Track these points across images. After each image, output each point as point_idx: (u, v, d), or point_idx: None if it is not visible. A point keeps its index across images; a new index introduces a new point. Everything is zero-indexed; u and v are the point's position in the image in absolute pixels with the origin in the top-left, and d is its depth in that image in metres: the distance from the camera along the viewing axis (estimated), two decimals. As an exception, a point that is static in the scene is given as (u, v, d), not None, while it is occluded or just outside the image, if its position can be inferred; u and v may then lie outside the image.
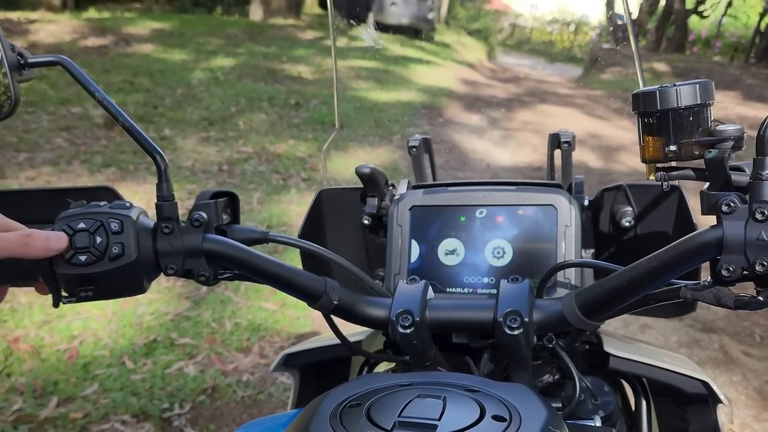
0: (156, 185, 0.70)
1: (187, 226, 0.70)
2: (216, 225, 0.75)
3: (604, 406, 0.81)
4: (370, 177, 0.95)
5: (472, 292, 0.87)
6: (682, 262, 0.59)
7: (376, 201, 0.99)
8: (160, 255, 0.69)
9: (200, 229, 0.70)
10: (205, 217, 0.70)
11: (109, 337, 2.63)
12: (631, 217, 0.93)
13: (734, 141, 0.59)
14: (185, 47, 9.20)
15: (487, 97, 9.31)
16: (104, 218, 0.66)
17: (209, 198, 0.75)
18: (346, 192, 1.03)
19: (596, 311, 0.67)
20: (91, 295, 0.66)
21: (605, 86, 10.99)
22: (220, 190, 0.78)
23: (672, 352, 1.00)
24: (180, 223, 0.70)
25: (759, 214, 0.54)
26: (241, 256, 0.70)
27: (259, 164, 4.97)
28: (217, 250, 0.70)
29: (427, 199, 0.91)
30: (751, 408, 2.45)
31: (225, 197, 0.78)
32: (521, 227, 0.87)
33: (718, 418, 0.88)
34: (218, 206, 0.75)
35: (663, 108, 0.61)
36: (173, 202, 0.70)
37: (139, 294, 0.69)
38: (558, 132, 1.03)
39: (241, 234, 0.76)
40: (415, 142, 1.12)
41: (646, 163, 0.65)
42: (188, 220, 0.70)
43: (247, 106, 6.62)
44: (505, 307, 0.69)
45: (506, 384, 0.60)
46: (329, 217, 1.05)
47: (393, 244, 0.91)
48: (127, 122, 0.68)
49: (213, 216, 0.74)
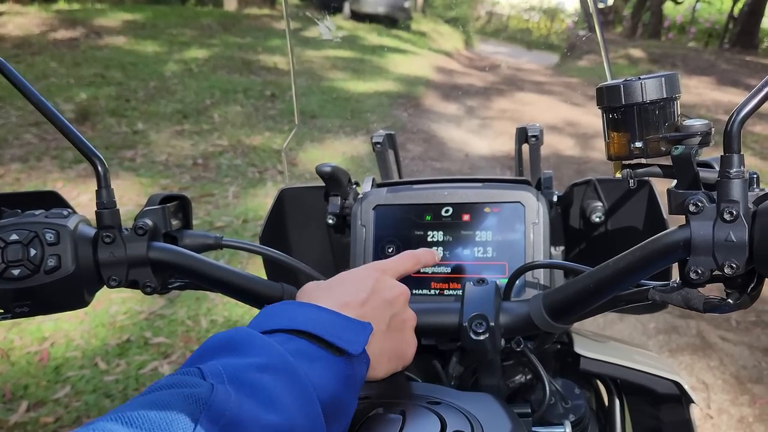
0: (96, 192, 0.66)
1: (131, 234, 0.66)
2: (165, 231, 0.71)
3: (575, 409, 0.79)
4: (332, 176, 0.92)
5: (439, 294, 0.84)
6: (649, 263, 0.57)
7: (339, 200, 0.96)
8: (101, 266, 0.65)
9: (145, 237, 0.66)
10: (151, 224, 0.66)
11: (81, 337, 2.58)
12: (601, 213, 0.90)
13: (702, 137, 0.56)
14: (158, 39, 9.04)
15: (465, 85, 9.30)
16: (39, 228, 0.62)
17: (158, 203, 0.72)
18: (309, 191, 1.00)
19: (564, 314, 0.65)
20: (27, 311, 0.63)
21: (582, 73, 11.03)
22: (170, 194, 0.74)
23: (645, 350, 0.98)
24: (123, 231, 0.66)
25: (727, 214, 0.51)
26: (190, 264, 0.67)
27: (234, 157, 4.91)
28: (163, 258, 0.67)
29: (392, 197, 0.88)
30: (728, 392, 2.47)
31: (176, 201, 0.74)
32: (488, 226, 0.84)
33: (692, 417, 0.86)
34: (166, 211, 0.72)
35: (627, 103, 0.58)
36: (115, 210, 0.67)
37: (80, 308, 0.65)
38: (525, 126, 1.00)
39: (193, 240, 0.73)
40: (379, 137, 1.08)
41: (611, 160, 0.63)
42: (132, 227, 0.66)
43: (222, 98, 6.54)
44: (470, 311, 0.67)
45: (470, 394, 0.58)
46: (292, 217, 1.01)
47: (357, 245, 0.88)
48: (64, 125, 0.64)
49: (161, 222, 0.70)
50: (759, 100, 0.50)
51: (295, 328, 0.52)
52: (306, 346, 0.51)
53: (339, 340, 0.52)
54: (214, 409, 0.40)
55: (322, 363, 0.50)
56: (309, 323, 0.52)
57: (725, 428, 2.27)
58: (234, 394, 0.42)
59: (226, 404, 0.41)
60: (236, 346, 0.48)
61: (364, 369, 0.55)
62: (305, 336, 0.51)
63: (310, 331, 0.51)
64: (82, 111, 5.40)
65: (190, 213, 0.77)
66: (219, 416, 0.40)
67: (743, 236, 0.51)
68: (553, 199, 0.90)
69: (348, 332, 0.53)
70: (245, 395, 0.43)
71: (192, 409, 0.39)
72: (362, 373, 0.55)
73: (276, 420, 0.42)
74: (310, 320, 0.53)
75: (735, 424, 2.29)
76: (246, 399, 0.42)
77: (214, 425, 0.39)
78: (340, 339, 0.52)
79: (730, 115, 0.50)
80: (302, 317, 0.53)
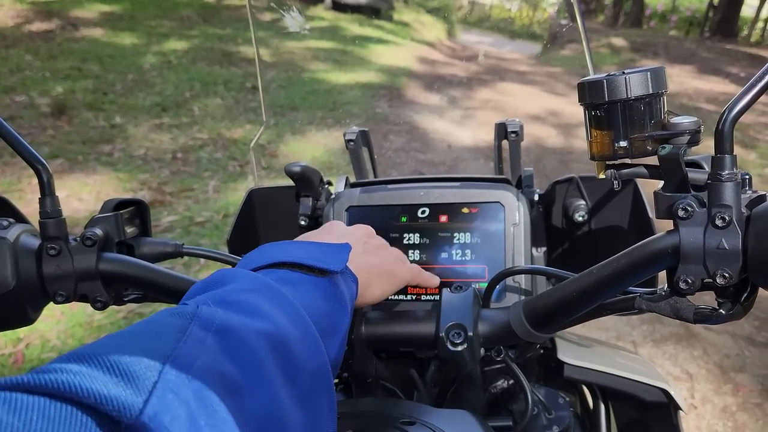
0: (39, 200, 0.61)
1: (78, 245, 0.61)
2: (119, 240, 0.66)
3: (559, 420, 0.76)
4: (301, 176, 0.87)
5: (416, 300, 0.80)
6: (636, 271, 0.53)
7: (311, 201, 0.92)
8: (46, 280, 0.60)
9: (94, 248, 0.61)
10: (100, 233, 0.61)
11: (57, 338, 2.52)
12: (584, 212, 0.87)
13: (690, 135, 0.52)
14: (136, 30, 8.88)
15: (448, 76, 9.25)
16: None
17: (113, 209, 0.67)
18: (280, 191, 0.95)
19: (546, 323, 0.62)
20: None
21: (564, 63, 11.02)
22: (126, 199, 0.69)
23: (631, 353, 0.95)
24: (70, 242, 0.61)
25: (719, 219, 0.48)
26: (145, 275, 0.62)
27: (215, 151, 4.83)
28: (115, 270, 0.62)
29: (365, 198, 0.84)
30: (712, 382, 2.47)
31: (132, 207, 0.69)
32: (467, 227, 0.80)
33: (680, 425, 0.83)
34: (120, 219, 0.66)
35: (611, 99, 0.54)
36: (60, 219, 0.61)
37: (25, 326, 0.61)
38: (504, 121, 0.96)
39: (151, 248, 0.68)
40: (351, 135, 1.04)
41: (594, 160, 0.58)
42: (79, 237, 0.61)
43: (202, 90, 6.44)
44: (447, 320, 0.63)
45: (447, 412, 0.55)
46: (263, 218, 0.97)
47: None
48: (5, 129, 0.59)
49: (113, 230, 0.65)
50: (751, 97, 0.46)
51: (275, 261, 0.53)
52: (288, 274, 0.52)
53: (319, 262, 0.53)
54: (202, 318, 0.40)
55: (306, 285, 0.52)
56: (288, 255, 0.54)
57: (709, 418, 2.27)
58: (221, 310, 0.42)
59: (215, 316, 0.41)
60: (219, 282, 0.48)
61: (354, 287, 0.57)
62: (286, 266, 0.53)
63: (290, 261, 0.53)
64: (58, 105, 5.28)
65: (148, 219, 0.72)
66: (209, 324, 0.40)
67: (736, 243, 0.48)
68: (534, 197, 0.86)
69: (326, 254, 0.55)
70: (233, 311, 0.43)
71: (181, 321, 0.39)
72: (352, 290, 0.57)
73: (267, 326, 0.43)
74: (289, 253, 0.54)
75: (719, 414, 2.29)
76: (233, 314, 0.42)
77: (205, 331, 0.39)
78: (320, 261, 0.54)
79: (721, 114, 0.47)
80: (281, 252, 0.55)
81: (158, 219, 3.62)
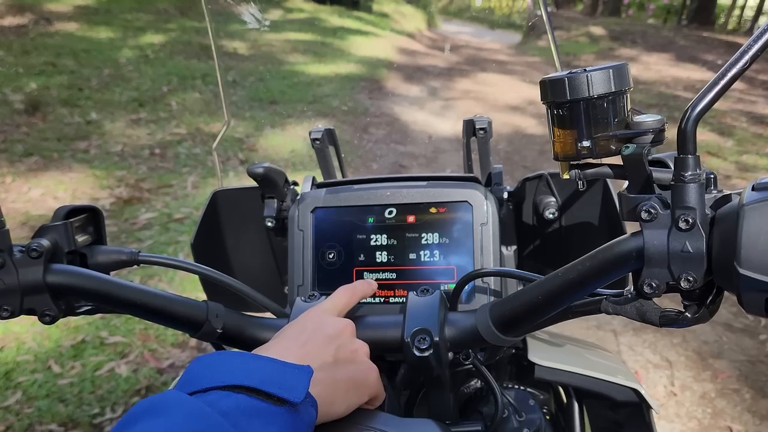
0: None
1: (24, 258, 0.58)
2: (69, 250, 0.63)
3: (530, 423, 0.75)
4: (264, 177, 0.85)
5: (384, 302, 0.79)
6: (601, 273, 0.52)
7: (276, 202, 0.90)
8: None
9: (40, 260, 0.58)
10: (47, 244, 0.59)
11: (33, 340, 2.48)
12: (554, 209, 0.86)
13: (654, 134, 0.51)
14: (112, 24, 8.74)
15: (428, 66, 9.22)
16: None
17: (63, 217, 0.64)
18: (245, 192, 0.93)
19: (513, 326, 0.61)
20: None
21: (544, 52, 11.04)
22: (79, 206, 0.66)
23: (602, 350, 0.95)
24: (14, 254, 0.59)
25: (683, 222, 0.47)
26: (97, 287, 0.60)
27: (193, 146, 4.78)
28: (64, 282, 0.59)
29: (331, 199, 0.82)
30: (691, 369, 2.49)
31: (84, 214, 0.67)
32: (434, 227, 0.79)
33: (653, 423, 0.83)
34: (70, 227, 0.63)
35: (573, 98, 0.52)
36: (4, 230, 0.58)
37: None
38: (473, 118, 0.95)
39: (106, 257, 0.66)
40: (317, 133, 1.02)
41: (557, 160, 0.57)
42: (24, 249, 0.59)
43: (180, 84, 6.35)
44: (413, 325, 0.62)
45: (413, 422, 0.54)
46: (228, 220, 0.95)
47: (295, 252, 0.81)
48: None
49: (63, 239, 0.62)
50: (714, 96, 0.45)
51: (229, 383, 0.47)
52: (244, 402, 0.46)
53: (279, 390, 0.48)
54: None
55: (262, 418, 0.46)
56: (245, 376, 0.48)
57: (688, 404, 2.29)
58: None
59: None
60: (160, 413, 0.43)
61: (313, 412, 0.51)
62: (242, 390, 0.47)
63: (247, 385, 0.47)
64: (32, 101, 5.19)
65: (103, 226, 0.69)
66: None
67: (700, 246, 0.47)
68: (504, 195, 0.85)
69: (288, 378, 0.50)
70: None
71: None
72: (311, 417, 0.51)
73: None
74: (247, 371, 0.49)
75: (698, 400, 2.31)
76: None
77: None
78: (280, 388, 0.48)
79: (684, 112, 0.46)
80: (237, 369, 0.49)
81: (136, 216, 3.57)
